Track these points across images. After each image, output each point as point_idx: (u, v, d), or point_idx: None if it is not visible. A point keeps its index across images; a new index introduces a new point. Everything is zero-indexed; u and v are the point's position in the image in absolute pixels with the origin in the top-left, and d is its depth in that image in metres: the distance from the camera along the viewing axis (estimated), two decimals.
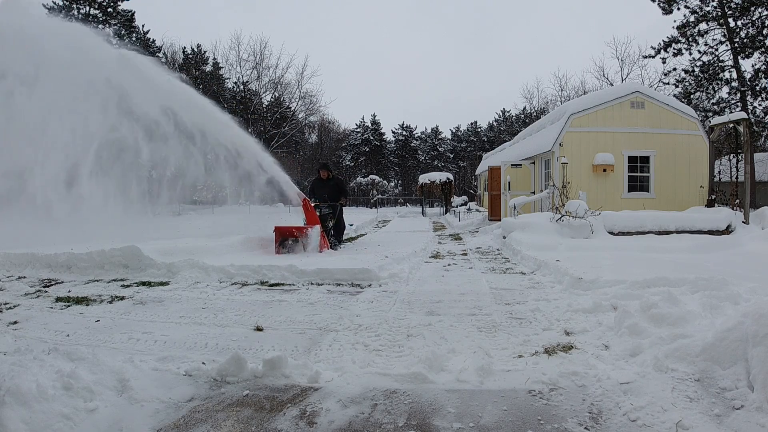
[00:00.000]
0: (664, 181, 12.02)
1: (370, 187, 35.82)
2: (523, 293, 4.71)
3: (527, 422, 2.09)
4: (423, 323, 3.65)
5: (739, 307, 3.01)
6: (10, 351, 2.98)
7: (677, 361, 2.46)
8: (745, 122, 9.86)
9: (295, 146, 41.20)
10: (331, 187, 8.83)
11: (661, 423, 2.02)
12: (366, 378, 2.56)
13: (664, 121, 11.96)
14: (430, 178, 26.52)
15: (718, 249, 7.17)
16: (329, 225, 8.57)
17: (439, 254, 8.13)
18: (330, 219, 8.60)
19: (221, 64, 35.13)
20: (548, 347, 3.03)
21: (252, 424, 2.12)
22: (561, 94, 35.33)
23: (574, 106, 12.50)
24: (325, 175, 8.97)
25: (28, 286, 5.31)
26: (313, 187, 9.16)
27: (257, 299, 4.59)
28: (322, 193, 8.74)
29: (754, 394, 2.02)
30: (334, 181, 8.99)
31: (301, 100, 35.49)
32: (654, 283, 4.33)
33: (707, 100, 22.84)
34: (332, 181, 8.93)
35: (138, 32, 27.74)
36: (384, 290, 4.96)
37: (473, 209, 22.62)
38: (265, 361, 2.62)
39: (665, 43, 22.91)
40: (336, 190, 8.84)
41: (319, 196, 8.70)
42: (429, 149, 48.78)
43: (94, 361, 2.45)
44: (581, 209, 8.57)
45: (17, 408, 1.93)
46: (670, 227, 8.69)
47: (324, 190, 8.80)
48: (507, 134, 41.23)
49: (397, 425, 2.08)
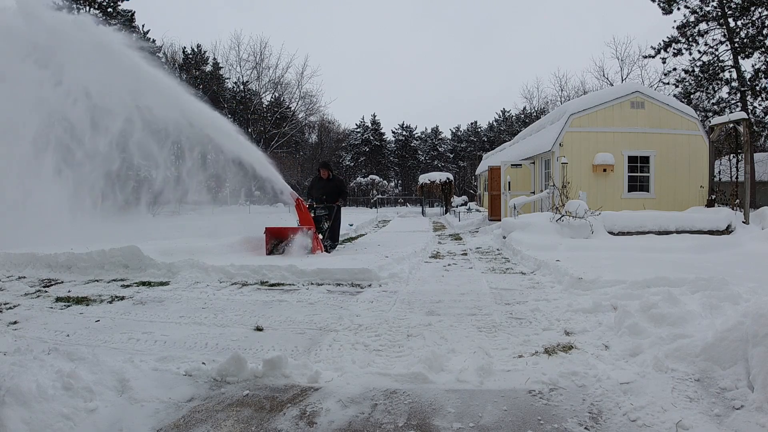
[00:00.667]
0: (664, 181, 12.02)
1: (370, 187, 35.82)
2: (523, 293, 4.71)
3: (527, 422, 2.09)
4: (423, 323, 3.65)
5: (739, 307, 3.01)
6: (10, 351, 2.98)
7: (677, 361, 2.46)
8: (745, 122, 9.86)
9: (295, 146, 41.19)
10: (330, 187, 8.46)
11: (661, 423, 2.02)
12: (366, 378, 2.56)
13: (664, 121, 11.96)
14: (430, 178, 26.52)
15: (718, 249, 7.17)
16: (324, 227, 8.14)
17: (439, 254, 8.13)
18: (325, 220, 8.18)
19: (221, 64, 35.13)
20: (548, 347, 3.03)
21: (252, 424, 2.12)
22: (561, 94, 35.34)
23: (574, 106, 12.49)
24: (325, 175, 8.65)
25: (28, 286, 5.31)
26: (312, 185, 8.82)
27: (257, 299, 4.59)
28: (320, 192, 8.35)
29: (754, 394, 2.02)
30: (335, 182, 8.65)
31: (301, 100, 35.52)
32: (654, 283, 4.33)
33: (707, 100, 22.84)
34: (332, 182, 8.60)
35: (138, 32, 27.74)
36: (384, 290, 4.96)
37: (473, 209, 22.62)
38: (265, 361, 2.62)
39: (665, 43, 22.91)
40: (335, 191, 8.43)
41: (317, 196, 8.33)
42: (429, 149, 48.78)
43: (94, 361, 2.45)
44: (581, 209, 8.58)
45: (17, 408, 1.93)
46: (670, 227, 8.69)
47: (323, 189, 8.41)
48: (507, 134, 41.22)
49: (397, 425, 2.08)
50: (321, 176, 8.68)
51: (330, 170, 8.74)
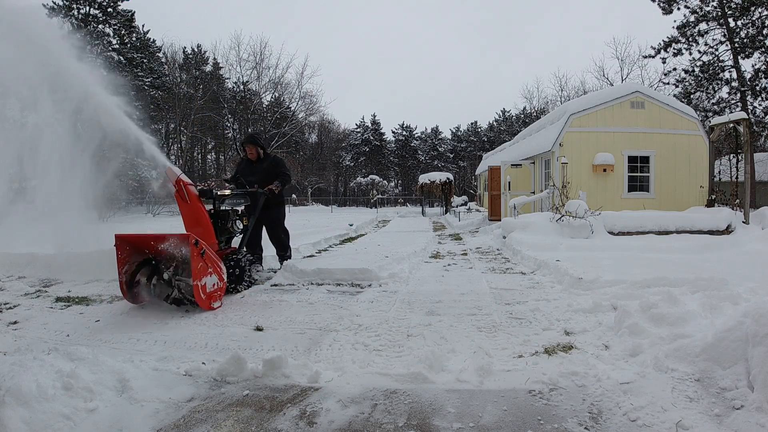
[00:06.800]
0: (664, 181, 12.03)
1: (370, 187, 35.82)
2: (523, 293, 4.71)
3: (527, 422, 2.09)
4: (423, 323, 3.65)
5: (739, 307, 3.00)
6: (10, 351, 2.98)
7: (677, 361, 2.46)
8: (745, 122, 9.86)
9: (295, 146, 41.20)
10: (263, 171, 5.84)
11: (661, 423, 2.02)
12: (366, 378, 2.56)
13: (664, 121, 11.96)
14: (430, 178, 26.54)
15: (718, 249, 7.17)
16: (235, 230, 5.09)
17: (439, 254, 8.13)
18: (237, 220, 5.16)
19: (221, 64, 35.14)
20: (548, 347, 3.03)
21: (252, 424, 2.12)
22: (561, 94, 35.40)
23: (574, 106, 12.50)
24: (253, 155, 5.94)
25: (28, 286, 5.31)
26: (237, 171, 6.07)
27: (257, 299, 4.59)
28: (248, 180, 5.67)
29: (754, 394, 2.02)
30: (270, 163, 5.98)
31: (301, 100, 35.57)
32: (654, 283, 4.33)
33: (707, 100, 22.86)
34: (266, 163, 5.96)
35: (138, 32, 27.75)
36: (384, 290, 4.96)
37: (473, 209, 22.63)
38: (265, 361, 2.61)
39: (665, 43, 22.94)
40: (270, 176, 5.76)
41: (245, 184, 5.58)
42: (429, 149, 48.78)
43: (94, 361, 2.45)
44: (581, 209, 8.58)
45: (17, 408, 1.93)
46: (670, 227, 8.70)
47: (253, 175, 5.77)
48: (507, 134, 41.22)
49: (397, 425, 2.08)
50: (248, 157, 6.04)
51: (261, 146, 6.01)
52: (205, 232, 4.40)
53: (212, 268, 4.04)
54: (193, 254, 3.77)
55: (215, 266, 4.10)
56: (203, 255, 3.90)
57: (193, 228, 4.37)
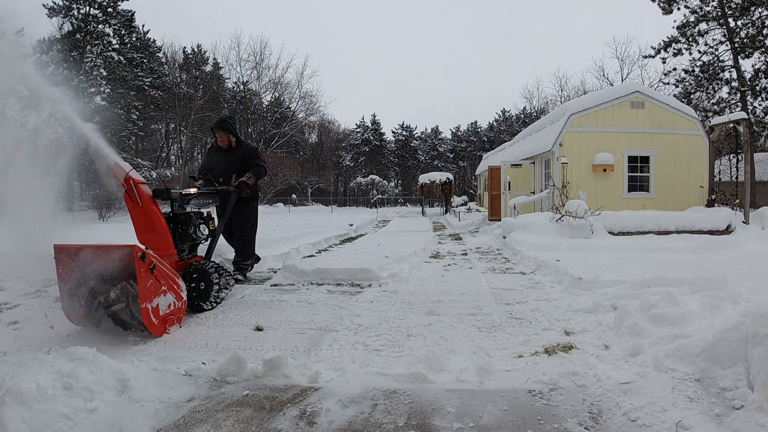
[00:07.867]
0: (664, 181, 12.03)
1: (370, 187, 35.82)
2: (523, 293, 4.71)
3: (527, 422, 2.09)
4: (423, 323, 3.65)
5: (739, 307, 3.00)
6: (10, 351, 2.98)
7: (677, 361, 2.46)
8: (745, 122, 9.86)
9: (295, 146, 41.21)
10: (235, 160, 5.14)
11: (661, 423, 2.02)
12: (366, 378, 2.55)
13: (664, 121, 11.97)
14: (430, 178, 26.56)
15: (718, 249, 7.17)
16: (199, 236, 4.27)
17: (439, 254, 8.13)
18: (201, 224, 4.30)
19: (221, 64, 35.14)
20: (548, 347, 3.03)
21: (252, 424, 2.12)
22: (561, 94, 35.43)
23: (574, 106, 12.50)
24: (224, 142, 5.23)
25: (28, 285, 5.30)
26: (206, 160, 5.44)
27: (257, 299, 4.58)
28: (218, 170, 5.04)
29: (754, 394, 2.02)
30: (243, 151, 5.26)
31: (301, 100, 35.60)
32: (654, 283, 4.33)
33: (707, 100, 22.88)
34: (239, 152, 5.24)
35: (138, 32, 27.75)
36: (384, 290, 4.96)
37: (473, 209, 22.64)
38: (265, 361, 2.61)
39: (665, 43, 22.94)
40: (242, 168, 5.07)
41: (215, 176, 4.93)
42: (429, 149, 48.78)
43: (94, 360, 2.45)
44: (581, 209, 8.58)
45: (17, 408, 1.93)
46: (670, 227, 8.70)
47: (223, 166, 5.09)
48: (507, 134, 41.23)
49: (397, 425, 2.08)
50: (219, 145, 5.29)
51: (233, 133, 5.28)
52: (160, 239, 3.72)
53: (166, 285, 3.31)
54: (140, 271, 3.06)
55: (170, 283, 3.36)
56: (153, 270, 3.18)
57: (146, 235, 3.73)
